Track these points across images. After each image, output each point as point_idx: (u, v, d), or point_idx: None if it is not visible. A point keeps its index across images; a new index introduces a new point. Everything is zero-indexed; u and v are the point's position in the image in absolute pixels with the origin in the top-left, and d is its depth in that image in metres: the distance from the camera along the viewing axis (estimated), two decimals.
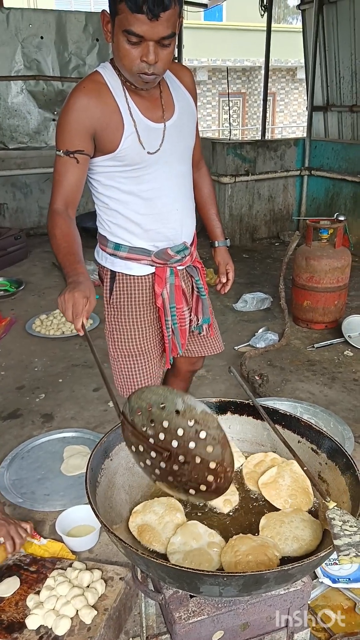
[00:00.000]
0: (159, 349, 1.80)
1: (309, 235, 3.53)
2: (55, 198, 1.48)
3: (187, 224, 1.68)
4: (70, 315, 1.24)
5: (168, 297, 1.69)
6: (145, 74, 1.37)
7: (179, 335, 1.77)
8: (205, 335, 1.89)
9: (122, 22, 1.29)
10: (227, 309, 3.97)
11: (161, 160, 1.53)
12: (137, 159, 1.50)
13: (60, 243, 1.42)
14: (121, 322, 1.71)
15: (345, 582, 1.64)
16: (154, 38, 1.30)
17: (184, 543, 1.04)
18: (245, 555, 0.98)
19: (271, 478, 1.17)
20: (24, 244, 5.21)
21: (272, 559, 0.99)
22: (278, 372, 3.09)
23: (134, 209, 1.57)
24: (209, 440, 0.98)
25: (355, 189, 5.19)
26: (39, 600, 1.47)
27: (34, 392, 2.91)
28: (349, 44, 5.35)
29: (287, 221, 5.99)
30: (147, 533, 1.07)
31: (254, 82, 16.41)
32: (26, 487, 2.12)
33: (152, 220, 1.59)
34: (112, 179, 1.54)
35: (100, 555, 1.80)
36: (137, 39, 1.30)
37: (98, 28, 5.80)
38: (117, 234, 1.63)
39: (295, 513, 1.10)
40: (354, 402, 2.76)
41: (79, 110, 1.42)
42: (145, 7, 1.24)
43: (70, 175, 1.46)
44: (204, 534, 1.06)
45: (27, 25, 5.51)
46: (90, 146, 1.46)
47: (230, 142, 5.44)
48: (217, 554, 1.02)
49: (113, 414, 2.67)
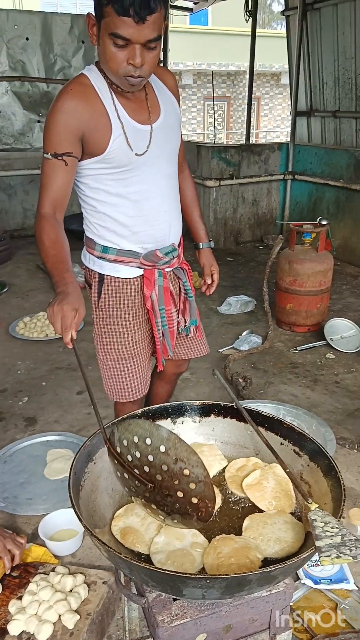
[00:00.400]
0: (147, 351, 1.80)
1: (292, 239, 3.57)
2: (43, 202, 1.47)
3: (174, 225, 1.69)
4: (59, 328, 1.24)
5: (157, 299, 1.69)
6: (132, 76, 1.37)
7: (169, 337, 1.77)
8: (192, 337, 1.90)
9: (108, 25, 1.30)
10: (211, 311, 3.99)
11: (149, 162, 1.54)
12: (125, 160, 1.50)
13: (48, 250, 1.42)
14: (110, 325, 1.71)
15: (327, 583, 1.65)
16: (140, 41, 1.31)
17: (167, 543, 1.05)
18: (228, 557, 0.99)
19: (255, 480, 1.18)
20: (8, 245, 5.17)
21: (254, 561, 1.00)
22: (261, 374, 3.11)
23: (122, 212, 1.58)
24: (192, 477, 1.04)
25: (338, 193, 5.26)
26: (21, 605, 1.46)
27: (17, 395, 2.88)
28: (332, 51, 5.42)
29: (270, 225, 6.04)
30: (130, 535, 1.07)
31: (238, 87, 16.53)
32: (9, 491, 2.10)
33: (140, 222, 1.60)
34: (99, 181, 1.54)
35: (83, 559, 1.79)
36: (123, 42, 1.31)
37: (84, 30, 5.78)
38: (105, 237, 1.63)
39: (279, 515, 1.11)
40: (335, 404, 2.79)
41: (67, 112, 1.42)
42: (131, 10, 1.25)
43: (58, 178, 1.46)
44: (188, 534, 1.07)
45: (13, 26, 5.49)
46: (78, 149, 1.46)
47: (215, 146, 5.47)
48: (200, 554, 1.03)
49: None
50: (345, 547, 0.92)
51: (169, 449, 1.06)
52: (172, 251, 1.68)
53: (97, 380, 2.99)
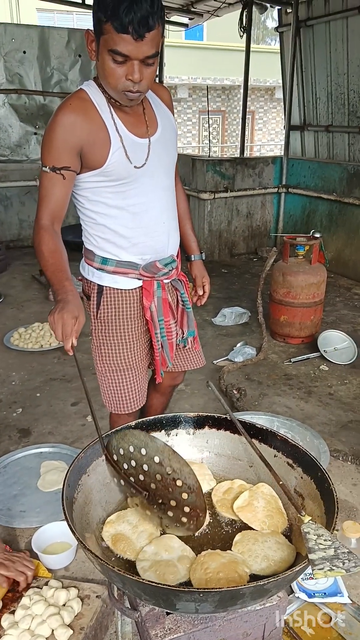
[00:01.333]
0: (145, 363, 1.81)
1: (286, 252, 3.60)
2: (42, 213, 1.49)
3: (173, 236, 1.71)
4: (60, 335, 1.28)
5: (156, 310, 1.70)
6: (130, 91, 1.40)
7: (168, 349, 1.78)
8: (190, 348, 1.90)
9: (107, 41, 1.32)
10: (206, 323, 4.00)
11: (147, 174, 1.56)
12: (124, 173, 1.52)
13: (48, 260, 1.44)
14: (109, 336, 1.71)
15: (321, 596, 1.65)
16: (139, 57, 1.33)
17: (155, 553, 1.06)
18: (216, 572, 0.99)
19: (245, 502, 1.17)
20: (4, 256, 5.18)
21: (242, 576, 0.99)
22: (256, 386, 3.11)
23: (122, 223, 1.59)
24: (185, 488, 1.08)
25: (331, 206, 5.32)
26: (14, 620, 1.45)
27: (11, 407, 2.87)
28: (324, 66, 5.51)
29: (265, 237, 6.08)
30: (121, 542, 1.08)
31: (233, 101, 16.72)
32: (2, 504, 2.08)
33: (140, 233, 1.61)
34: (99, 194, 1.56)
35: (76, 572, 1.78)
36: (122, 58, 1.33)
37: (80, 44, 5.85)
38: (104, 248, 1.64)
39: (272, 535, 1.10)
40: (329, 416, 2.80)
41: (66, 127, 1.44)
42: (130, 28, 1.27)
43: (56, 191, 1.48)
44: (178, 548, 1.07)
45: (10, 39, 5.54)
46: (76, 162, 1.48)
47: (209, 159, 5.53)
48: (186, 568, 1.03)
49: (91, 429, 2.65)
50: (338, 560, 0.93)
51: (162, 460, 1.10)
52: (171, 262, 1.69)
53: (93, 391, 2.99)
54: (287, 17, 5.81)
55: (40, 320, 3.92)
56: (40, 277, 4.85)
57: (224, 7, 5.97)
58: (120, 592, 1.17)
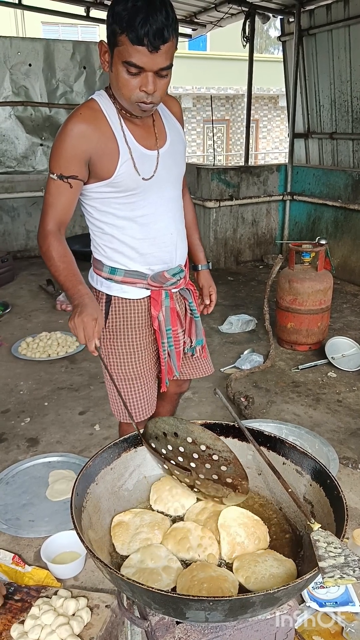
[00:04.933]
0: (154, 371, 1.81)
1: (292, 259, 3.60)
2: (48, 220, 1.50)
3: (180, 246, 1.72)
4: (82, 338, 1.34)
5: (164, 319, 1.70)
6: (144, 102, 1.41)
7: (175, 358, 1.78)
8: (198, 356, 1.91)
9: (122, 53, 1.33)
10: (212, 330, 4.00)
11: (155, 186, 1.57)
12: (133, 185, 1.53)
13: (58, 264, 1.46)
14: (118, 345, 1.72)
15: (332, 605, 1.63)
16: (153, 69, 1.34)
17: (141, 561, 1.06)
18: (201, 582, 0.98)
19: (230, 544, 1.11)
20: (11, 266, 5.22)
21: (225, 593, 0.98)
22: (263, 393, 3.11)
23: (130, 234, 1.60)
24: (222, 461, 1.14)
25: (336, 213, 5.32)
26: (23, 630, 1.44)
27: (19, 416, 2.88)
28: (328, 74, 5.54)
29: (270, 245, 6.09)
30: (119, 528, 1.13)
31: (237, 109, 16.81)
32: (11, 513, 2.08)
33: (148, 244, 1.62)
34: (107, 205, 1.57)
35: (85, 582, 1.77)
36: (136, 69, 1.34)
37: (85, 56, 5.92)
38: (113, 258, 1.65)
39: (267, 553, 1.09)
40: (338, 424, 2.78)
41: (76, 136, 1.45)
42: (146, 40, 1.28)
43: (63, 198, 1.49)
44: (164, 557, 1.07)
45: (16, 52, 5.62)
46: (84, 172, 1.49)
47: (214, 168, 5.55)
48: (170, 578, 1.02)
49: (99, 438, 2.65)
50: (348, 568, 0.92)
51: (195, 439, 1.15)
52: (179, 272, 1.70)
53: (99, 400, 3.01)
54: (290, 27, 5.85)
55: (47, 329, 3.94)
56: (47, 287, 4.88)
57: (226, 18, 6.02)
58: (129, 602, 1.16)
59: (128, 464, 1.26)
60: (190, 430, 1.15)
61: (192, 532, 1.13)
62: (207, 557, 1.09)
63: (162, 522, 1.17)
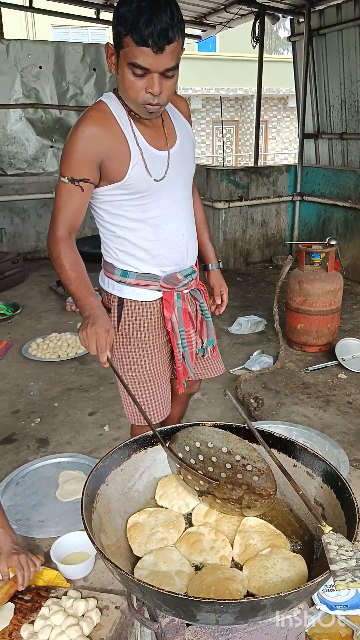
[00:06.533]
0: (168, 374, 1.81)
1: (302, 259, 3.59)
2: (59, 224, 1.50)
3: (192, 247, 1.71)
4: (94, 350, 1.36)
5: (177, 321, 1.70)
6: (150, 104, 1.40)
7: (189, 358, 1.78)
8: (209, 357, 1.90)
9: (127, 55, 1.32)
10: (222, 332, 4.00)
11: (166, 187, 1.57)
12: (145, 186, 1.52)
13: (70, 273, 1.47)
14: (131, 348, 1.71)
15: (343, 609, 1.62)
16: (159, 70, 1.33)
17: (154, 564, 1.06)
18: (208, 585, 0.98)
19: (242, 546, 1.12)
20: (21, 268, 5.25)
21: (233, 594, 0.97)
22: (273, 395, 3.09)
23: (141, 236, 1.59)
24: (255, 471, 1.17)
25: (346, 213, 5.29)
26: (33, 630, 1.45)
27: (30, 417, 2.90)
28: (338, 74, 5.51)
29: (280, 245, 6.07)
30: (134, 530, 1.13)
31: (246, 110, 16.78)
32: (21, 514, 2.09)
33: (160, 245, 1.62)
34: (119, 207, 1.56)
35: (95, 583, 1.78)
36: (142, 71, 1.33)
37: (95, 58, 5.95)
38: (124, 261, 1.64)
39: (275, 553, 1.08)
40: (348, 425, 2.76)
41: (87, 139, 1.44)
42: (150, 41, 1.27)
43: (74, 202, 1.49)
44: (177, 561, 1.07)
45: (27, 55, 5.66)
46: (95, 175, 1.48)
47: (223, 169, 5.55)
48: (182, 583, 1.02)
49: (108, 439, 2.66)
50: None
51: (230, 449, 1.19)
52: (191, 273, 1.70)
53: (109, 401, 3.02)
54: (300, 27, 5.84)
55: (57, 330, 3.95)
56: (57, 288, 4.90)
57: (236, 19, 6.02)
58: (139, 603, 1.16)
59: (138, 465, 1.26)
60: (227, 440, 1.19)
61: (205, 536, 1.13)
62: (220, 559, 1.09)
63: (176, 520, 1.17)
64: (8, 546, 1.59)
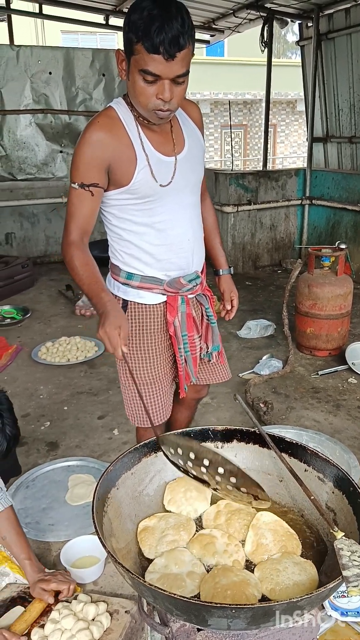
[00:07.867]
0: (169, 377, 1.81)
1: (311, 263, 3.57)
2: (71, 230, 1.52)
3: (198, 253, 1.72)
4: (110, 348, 1.36)
5: (180, 325, 1.71)
6: (161, 110, 1.41)
7: (192, 363, 1.78)
8: (215, 362, 1.90)
9: (138, 61, 1.34)
10: (231, 335, 3.99)
11: (173, 192, 1.58)
12: (150, 191, 1.54)
13: (81, 273, 1.48)
14: (133, 350, 1.72)
15: (354, 615, 1.60)
16: (170, 76, 1.35)
17: (165, 566, 1.06)
18: (224, 589, 0.97)
19: (254, 544, 1.13)
20: (31, 272, 5.28)
21: (249, 599, 0.97)
22: (283, 399, 3.08)
23: (147, 240, 1.61)
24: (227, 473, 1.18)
25: (356, 217, 5.27)
26: (44, 634, 1.45)
27: (39, 420, 2.91)
28: (347, 78, 5.50)
29: (289, 249, 6.06)
30: (145, 532, 1.13)
31: (255, 114, 16.80)
32: (31, 517, 2.10)
33: (165, 250, 1.63)
34: (125, 211, 1.58)
35: (105, 587, 1.77)
36: (153, 77, 1.35)
37: (104, 64, 5.99)
38: (130, 264, 1.66)
39: (286, 557, 1.08)
40: (359, 430, 2.74)
41: (95, 144, 1.47)
42: (161, 48, 1.29)
43: (85, 207, 1.51)
44: (189, 562, 1.06)
45: (37, 61, 5.71)
46: (104, 179, 1.51)
47: (232, 173, 5.55)
48: (194, 584, 1.02)
49: (118, 442, 2.66)
50: None
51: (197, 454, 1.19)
52: (195, 278, 1.70)
53: (118, 405, 3.02)
54: (308, 31, 5.84)
55: (67, 334, 3.97)
56: (66, 292, 4.92)
57: (244, 23, 6.03)
58: (150, 607, 1.16)
59: (149, 469, 1.26)
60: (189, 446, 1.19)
61: (218, 539, 1.13)
62: (233, 563, 1.09)
63: (187, 523, 1.17)
64: (38, 576, 1.56)
